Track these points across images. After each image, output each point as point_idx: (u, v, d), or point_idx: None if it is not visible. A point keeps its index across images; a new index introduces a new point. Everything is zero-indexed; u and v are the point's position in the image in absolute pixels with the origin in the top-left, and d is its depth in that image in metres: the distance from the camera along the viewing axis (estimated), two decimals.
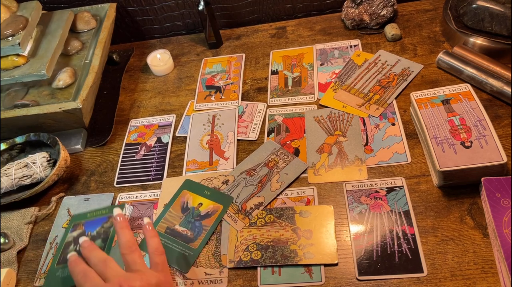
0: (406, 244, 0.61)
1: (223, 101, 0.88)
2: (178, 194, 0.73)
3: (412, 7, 0.96)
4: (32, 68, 0.82)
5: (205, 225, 0.68)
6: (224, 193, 0.71)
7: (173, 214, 0.71)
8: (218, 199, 0.71)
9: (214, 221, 0.68)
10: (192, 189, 0.73)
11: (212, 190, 0.72)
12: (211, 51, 1.01)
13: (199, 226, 0.68)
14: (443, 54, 0.80)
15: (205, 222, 0.69)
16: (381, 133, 0.75)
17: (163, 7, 1.03)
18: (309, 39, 0.96)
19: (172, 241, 0.67)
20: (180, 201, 0.72)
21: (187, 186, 0.74)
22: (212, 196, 0.71)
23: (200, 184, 0.74)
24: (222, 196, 0.71)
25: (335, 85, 0.85)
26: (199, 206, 0.71)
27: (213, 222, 0.68)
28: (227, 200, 0.70)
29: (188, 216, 0.70)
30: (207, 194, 0.72)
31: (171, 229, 0.69)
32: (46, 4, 1.02)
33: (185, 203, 0.71)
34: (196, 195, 0.72)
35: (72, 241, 0.71)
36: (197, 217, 0.69)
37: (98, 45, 0.89)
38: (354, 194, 0.68)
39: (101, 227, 0.71)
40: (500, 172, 0.61)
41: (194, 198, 0.72)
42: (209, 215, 0.69)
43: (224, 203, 0.70)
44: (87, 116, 0.85)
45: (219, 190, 0.72)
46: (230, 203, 0.70)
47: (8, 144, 0.84)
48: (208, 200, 0.71)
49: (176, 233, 0.68)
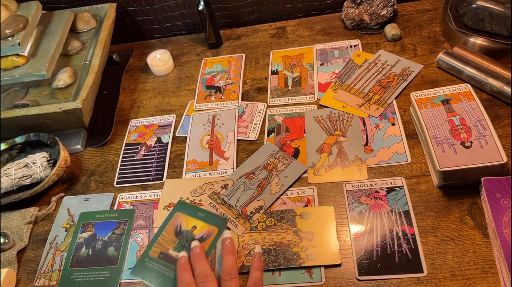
0: (406, 244, 0.61)
1: (223, 101, 0.88)
2: (171, 217, 0.70)
3: (412, 7, 0.96)
4: (32, 68, 0.82)
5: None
6: (219, 215, 0.69)
7: (166, 237, 0.67)
8: (213, 221, 0.68)
9: (209, 245, 0.65)
10: (186, 211, 0.70)
11: (206, 212, 0.69)
12: (211, 51, 1.01)
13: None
14: (443, 54, 0.80)
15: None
16: (381, 133, 0.75)
17: (163, 7, 1.03)
18: (309, 39, 0.96)
19: (165, 267, 0.64)
20: (173, 224, 0.69)
21: (180, 208, 0.71)
22: (206, 218, 0.68)
23: (193, 205, 0.71)
24: (217, 218, 0.68)
25: (335, 85, 0.85)
26: (193, 229, 0.67)
27: (208, 246, 0.65)
28: (222, 222, 0.67)
29: (182, 240, 0.66)
30: (201, 216, 0.69)
31: (164, 254, 0.65)
32: (46, 4, 1.02)
33: (178, 226, 0.68)
34: (190, 217, 0.69)
35: (83, 243, 0.71)
36: (191, 241, 0.65)
37: (98, 45, 0.89)
38: (354, 194, 0.68)
39: (112, 233, 0.71)
40: (500, 172, 0.61)
41: (187, 220, 0.69)
42: (204, 238, 0.66)
43: (219, 226, 0.67)
44: (87, 116, 0.85)
45: (219, 195, 0.72)
46: (225, 225, 0.67)
47: (8, 144, 0.84)
48: (202, 223, 0.68)
49: (170, 258, 0.65)
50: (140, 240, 0.70)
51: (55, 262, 0.70)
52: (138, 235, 0.71)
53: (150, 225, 0.72)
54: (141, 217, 0.73)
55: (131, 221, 0.73)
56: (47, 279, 0.68)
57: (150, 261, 0.65)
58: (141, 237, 0.71)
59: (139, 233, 0.71)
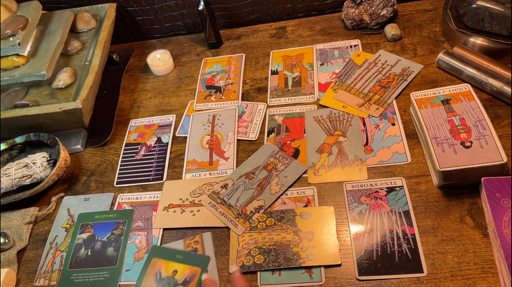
0: (406, 244, 0.61)
1: (223, 101, 0.88)
2: (148, 264, 0.65)
3: (412, 7, 0.96)
4: (32, 68, 0.82)
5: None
6: (199, 255, 0.65)
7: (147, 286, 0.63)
8: (194, 262, 0.64)
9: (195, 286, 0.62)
10: (162, 255, 0.66)
11: (184, 253, 0.66)
12: (211, 51, 1.01)
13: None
14: (443, 54, 0.80)
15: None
16: (381, 133, 0.75)
17: (163, 7, 1.03)
18: (309, 39, 0.96)
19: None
20: (152, 272, 0.64)
21: (156, 252, 0.66)
22: (186, 260, 0.64)
23: (169, 248, 0.67)
24: (197, 258, 0.65)
25: (335, 85, 0.85)
26: (175, 274, 0.63)
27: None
28: (203, 261, 0.64)
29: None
30: (180, 259, 0.65)
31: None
32: (46, 4, 1.02)
33: (157, 274, 0.64)
34: (168, 261, 0.65)
35: (82, 244, 0.71)
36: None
37: (98, 45, 0.89)
38: (354, 194, 0.68)
39: (111, 233, 0.71)
40: (500, 172, 0.61)
41: (166, 265, 0.64)
42: (188, 282, 0.62)
43: (201, 265, 0.63)
44: (87, 116, 0.85)
45: (218, 194, 0.72)
46: (207, 263, 0.64)
47: (8, 144, 0.84)
48: (183, 265, 0.64)
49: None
50: (138, 242, 0.70)
51: (55, 262, 0.70)
52: (137, 237, 0.71)
53: (149, 227, 0.72)
54: (140, 219, 0.73)
55: (130, 221, 0.72)
56: (47, 279, 0.68)
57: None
58: (139, 239, 0.70)
59: (138, 235, 0.71)
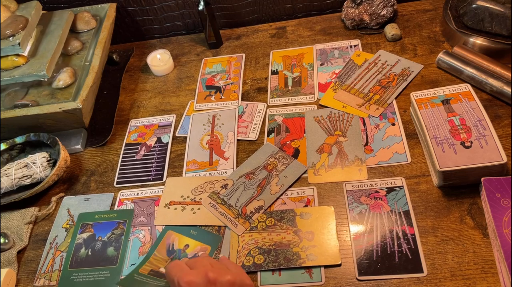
0: (406, 244, 0.61)
1: (223, 101, 0.88)
2: (163, 235, 0.68)
3: (412, 7, 0.96)
4: (32, 68, 0.82)
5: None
6: (212, 233, 0.67)
7: (158, 257, 0.66)
8: (206, 240, 0.66)
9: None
10: (178, 230, 0.68)
11: (198, 230, 0.68)
12: (211, 51, 1.01)
13: None
14: (443, 54, 0.80)
15: None
16: (381, 133, 0.75)
17: (163, 7, 1.03)
18: (309, 39, 0.96)
19: (156, 280, 0.62)
20: (165, 243, 0.67)
21: (172, 226, 0.69)
22: (199, 236, 0.67)
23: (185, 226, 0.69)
24: (210, 235, 0.67)
25: (335, 85, 0.85)
26: (186, 248, 0.66)
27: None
28: (215, 239, 0.66)
29: (174, 259, 0.65)
30: (193, 234, 0.67)
31: (155, 271, 0.64)
32: (46, 4, 1.02)
33: (170, 245, 0.67)
34: (182, 235, 0.67)
35: (83, 244, 0.71)
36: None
37: (98, 45, 0.89)
38: (354, 194, 0.68)
39: (111, 233, 0.71)
40: (500, 172, 0.61)
41: (180, 239, 0.67)
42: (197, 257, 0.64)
43: (212, 244, 0.65)
44: (87, 116, 0.85)
45: (218, 194, 0.72)
46: (219, 243, 0.65)
47: (8, 144, 0.84)
48: (195, 241, 0.66)
49: (161, 274, 0.63)
50: (142, 237, 0.70)
51: (55, 262, 0.70)
52: (140, 231, 0.71)
53: (151, 222, 0.72)
54: (143, 214, 0.73)
55: (130, 221, 0.73)
56: (47, 279, 0.68)
57: (139, 276, 0.64)
58: (143, 234, 0.71)
59: (141, 230, 0.71)
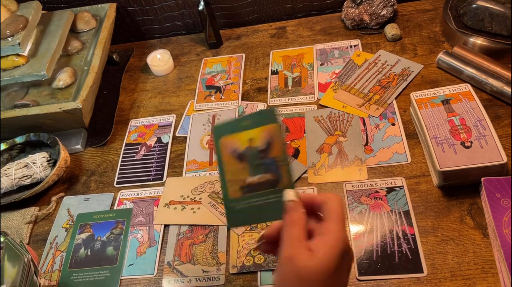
0: (406, 244, 0.61)
1: (223, 101, 0.88)
2: (219, 148, 0.55)
3: (412, 7, 0.96)
4: (32, 68, 0.82)
5: (276, 157, 0.52)
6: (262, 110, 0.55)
7: (233, 170, 0.54)
8: (263, 121, 0.54)
9: (281, 147, 0.52)
10: (228, 131, 0.56)
11: (247, 117, 0.55)
12: (211, 51, 1.01)
13: (271, 162, 0.52)
14: (443, 54, 0.80)
15: (273, 153, 0.52)
16: (381, 133, 0.75)
17: (163, 7, 1.03)
18: (309, 39, 0.96)
19: (258, 196, 0.53)
20: (227, 152, 0.55)
21: (220, 132, 0.56)
22: (254, 123, 0.54)
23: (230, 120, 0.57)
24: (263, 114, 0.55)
25: (335, 85, 0.85)
26: (251, 142, 0.54)
27: (280, 148, 0.52)
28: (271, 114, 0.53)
29: (251, 160, 0.53)
30: (247, 125, 0.55)
31: (246, 186, 0.53)
32: (46, 4, 1.02)
33: (235, 151, 0.55)
34: (238, 133, 0.55)
35: (82, 244, 0.71)
36: (260, 155, 0.53)
37: (98, 45, 0.89)
38: (354, 194, 0.68)
39: (110, 233, 0.72)
40: (500, 172, 0.61)
41: (238, 139, 0.55)
42: (270, 143, 0.53)
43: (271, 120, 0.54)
44: (87, 116, 0.85)
45: (218, 194, 0.72)
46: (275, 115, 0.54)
47: (8, 144, 0.84)
48: (254, 130, 0.54)
49: (255, 185, 0.53)
50: (140, 237, 0.70)
51: (55, 262, 0.70)
52: (138, 231, 0.71)
53: (150, 222, 0.72)
54: (141, 214, 0.73)
55: (129, 220, 0.73)
56: (47, 279, 0.68)
57: (238, 203, 0.53)
58: (141, 234, 0.71)
59: (140, 230, 0.71)
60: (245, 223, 0.54)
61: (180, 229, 0.70)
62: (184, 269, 0.65)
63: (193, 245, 0.68)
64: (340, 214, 0.45)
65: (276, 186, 0.52)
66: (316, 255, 0.42)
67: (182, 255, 0.67)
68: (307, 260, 0.42)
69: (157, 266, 0.67)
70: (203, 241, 0.68)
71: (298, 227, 0.45)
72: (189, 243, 0.68)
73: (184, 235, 0.69)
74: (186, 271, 0.65)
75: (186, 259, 0.66)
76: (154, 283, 0.65)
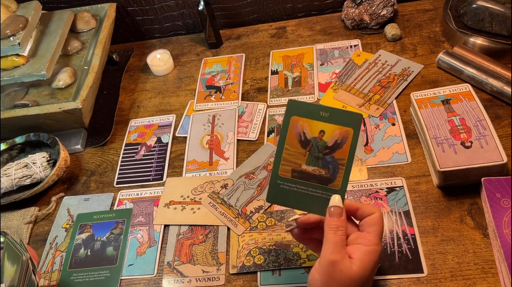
0: (406, 244, 0.61)
1: (223, 101, 0.88)
2: (287, 124, 0.54)
3: (412, 7, 0.96)
4: (32, 68, 0.82)
5: (340, 159, 0.52)
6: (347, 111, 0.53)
7: (292, 151, 0.53)
8: (344, 121, 0.53)
9: (348, 151, 0.52)
10: (303, 113, 0.54)
11: (330, 110, 0.53)
12: (211, 51, 1.01)
13: (332, 161, 0.53)
14: (443, 54, 0.80)
15: (338, 155, 0.52)
16: (381, 133, 0.75)
17: (163, 7, 1.03)
18: (309, 39, 0.96)
19: (306, 185, 0.53)
20: (293, 132, 0.54)
21: (295, 110, 0.54)
22: (333, 118, 0.53)
23: (311, 104, 0.55)
24: (347, 115, 0.53)
25: (335, 85, 0.85)
26: (322, 135, 0.53)
27: (348, 152, 0.52)
28: (355, 118, 0.53)
29: (313, 150, 0.53)
30: (325, 117, 0.53)
31: (298, 171, 0.53)
32: (46, 4, 1.02)
33: (301, 135, 0.54)
34: (312, 120, 0.53)
35: (82, 244, 0.71)
36: (325, 150, 0.53)
37: (98, 45, 0.89)
38: (354, 194, 0.68)
39: (110, 233, 0.72)
40: (500, 172, 0.61)
41: (310, 125, 0.53)
42: (339, 144, 0.53)
43: (352, 125, 0.52)
44: (87, 116, 0.85)
45: (218, 194, 0.72)
46: (361, 123, 0.53)
47: (8, 144, 0.84)
48: (330, 125, 0.53)
49: (307, 175, 0.53)
50: (140, 237, 0.70)
51: (55, 262, 0.70)
52: (138, 231, 0.71)
53: (150, 222, 0.72)
54: (141, 214, 0.73)
55: (129, 220, 0.73)
56: (47, 279, 0.68)
57: (284, 183, 0.54)
58: (141, 234, 0.71)
59: (139, 230, 0.71)
60: (283, 203, 0.54)
61: (180, 229, 0.70)
62: (184, 269, 0.65)
63: (193, 245, 0.68)
64: (380, 229, 0.50)
65: (327, 184, 0.53)
66: (356, 263, 0.47)
67: (182, 255, 0.67)
68: (348, 267, 0.47)
69: (157, 266, 0.67)
70: (203, 241, 0.68)
71: (342, 233, 0.49)
72: (189, 243, 0.68)
73: (184, 235, 0.69)
74: (186, 271, 0.65)
75: (186, 259, 0.66)
76: (154, 283, 0.65)
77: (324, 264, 0.48)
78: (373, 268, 0.48)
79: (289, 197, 0.54)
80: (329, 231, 0.49)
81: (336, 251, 0.48)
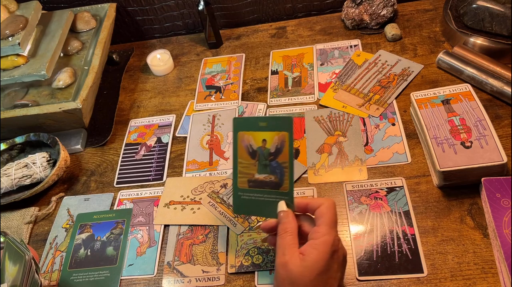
0: (406, 244, 0.61)
1: (223, 101, 0.88)
2: (236, 140, 0.60)
3: (412, 7, 0.96)
4: (32, 68, 0.82)
5: (283, 162, 0.57)
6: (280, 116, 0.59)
7: (245, 163, 0.58)
8: (278, 126, 0.57)
9: (288, 153, 0.56)
10: (247, 127, 0.59)
11: (266, 119, 0.59)
12: (211, 51, 1.01)
13: (277, 166, 0.57)
14: (443, 54, 0.80)
15: (280, 159, 0.57)
16: (381, 133, 0.75)
17: (163, 7, 1.03)
18: (309, 39, 0.96)
19: (262, 193, 0.57)
20: (242, 146, 0.59)
21: (239, 126, 0.60)
22: (270, 126, 0.58)
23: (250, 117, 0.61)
24: (280, 120, 0.58)
25: (335, 85, 0.85)
26: (265, 144, 0.58)
27: (288, 154, 0.56)
28: (286, 122, 0.57)
29: (261, 159, 0.58)
30: (263, 126, 0.58)
31: (253, 181, 0.58)
32: (46, 4, 1.02)
33: (248, 147, 0.59)
34: (254, 132, 0.59)
35: (82, 244, 0.71)
36: (270, 157, 0.57)
37: (98, 45, 0.89)
38: (354, 194, 0.68)
39: (110, 233, 0.72)
40: (500, 172, 0.61)
41: (254, 136, 0.58)
42: (280, 149, 0.57)
43: (286, 128, 0.57)
44: (87, 116, 0.85)
45: (218, 194, 0.72)
46: (292, 125, 0.57)
47: (8, 144, 0.84)
48: (269, 133, 0.58)
49: (261, 182, 0.57)
50: (140, 237, 0.70)
51: (55, 262, 0.70)
52: (138, 231, 0.71)
53: (150, 222, 0.72)
54: (141, 214, 0.73)
55: (129, 220, 0.73)
56: (47, 280, 0.68)
57: (244, 193, 0.59)
58: (141, 234, 0.71)
59: (139, 230, 0.71)
60: (247, 212, 0.58)
61: (180, 229, 0.70)
62: (184, 269, 0.65)
63: (193, 245, 0.68)
64: (329, 218, 0.50)
65: (278, 189, 0.56)
66: (306, 259, 0.47)
67: (182, 255, 0.67)
68: (298, 264, 0.47)
69: (157, 266, 0.67)
70: (203, 241, 0.68)
71: (289, 235, 0.50)
72: (189, 243, 0.68)
73: (184, 235, 0.69)
74: (186, 271, 0.65)
75: (186, 259, 0.66)
76: (154, 283, 0.65)
77: (276, 268, 0.49)
78: (328, 259, 0.47)
79: (250, 206, 0.58)
80: (278, 236, 0.51)
81: (284, 253, 0.49)
